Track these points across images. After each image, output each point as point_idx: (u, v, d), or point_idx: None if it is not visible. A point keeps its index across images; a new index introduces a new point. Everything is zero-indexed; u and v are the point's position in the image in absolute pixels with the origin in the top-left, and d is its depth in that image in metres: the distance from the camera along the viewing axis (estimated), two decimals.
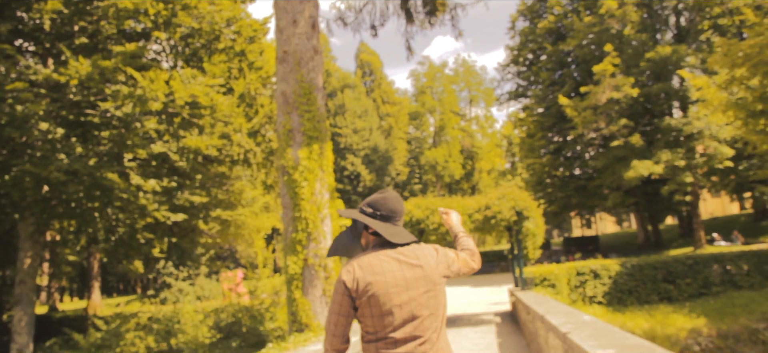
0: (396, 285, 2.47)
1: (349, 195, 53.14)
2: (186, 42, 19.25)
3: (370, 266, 2.49)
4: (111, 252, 20.67)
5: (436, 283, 2.55)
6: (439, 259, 2.68)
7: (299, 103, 10.70)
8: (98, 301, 31.86)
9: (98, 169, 15.15)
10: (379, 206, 2.68)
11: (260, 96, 20.62)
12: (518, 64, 40.07)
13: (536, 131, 35.90)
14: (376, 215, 2.67)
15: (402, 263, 2.53)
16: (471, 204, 15.58)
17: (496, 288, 24.63)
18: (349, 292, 2.47)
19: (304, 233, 10.25)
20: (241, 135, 18.66)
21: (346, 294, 2.47)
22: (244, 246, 39.09)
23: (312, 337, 7.28)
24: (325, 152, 10.90)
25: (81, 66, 14.75)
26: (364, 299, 2.45)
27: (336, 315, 2.49)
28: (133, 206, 16.34)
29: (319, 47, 11.36)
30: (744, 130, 18.05)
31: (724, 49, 16.75)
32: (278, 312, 17.61)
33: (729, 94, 18.26)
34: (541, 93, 35.85)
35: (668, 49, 27.85)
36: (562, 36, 35.04)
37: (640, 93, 27.97)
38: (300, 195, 10.28)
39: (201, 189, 18.77)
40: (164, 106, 15.96)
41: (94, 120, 15.98)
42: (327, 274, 10.41)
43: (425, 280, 2.53)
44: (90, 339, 16.49)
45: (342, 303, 2.48)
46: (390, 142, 60.95)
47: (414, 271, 2.52)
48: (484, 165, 62.47)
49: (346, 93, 57.19)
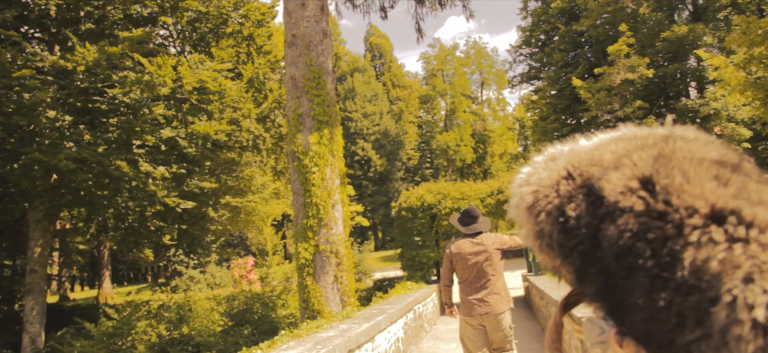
0: (468, 255, 5.15)
1: (360, 180, 53.00)
2: (193, 26, 19.04)
3: (457, 245, 5.26)
4: (121, 240, 20.61)
5: (491, 254, 5.14)
6: (495, 240, 5.22)
7: (309, 87, 10.49)
8: (109, 290, 31.92)
9: (107, 156, 15.02)
10: (463, 213, 5.42)
11: (269, 81, 20.39)
12: (530, 45, 39.58)
13: (549, 114, 35.47)
14: (460, 218, 5.40)
15: (471, 243, 5.20)
16: (483, 188, 15.37)
17: (508, 273, 24.43)
18: (449, 257, 5.28)
19: (315, 219, 10.06)
20: (250, 120, 18.47)
21: (448, 258, 5.31)
22: (254, 233, 39.10)
23: (324, 324, 7.10)
24: (336, 137, 10.69)
25: (88, 52, 14.57)
26: (455, 261, 5.23)
27: (445, 269, 5.34)
28: (143, 193, 16.22)
29: (328, 30, 11.13)
30: (763, 110, 17.62)
31: (742, 27, 16.29)
32: (290, 299, 17.49)
33: (747, 74, 17.81)
34: (554, 74, 35.36)
35: (684, 28, 27.31)
36: (575, 16, 34.48)
37: (655, 74, 27.51)
38: (310, 181, 10.09)
39: (210, 175, 18.62)
40: (172, 91, 15.79)
41: (101, 107, 15.83)
42: (338, 260, 10.23)
43: (485, 253, 5.13)
44: (102, 327, 16.39)
45: (445, 263, 5.33)
46: (401, 126, 60.65)
47: (477, 247, 5.16)
48: (496, 148, 62.15)
49: (356, 77, 56.88)
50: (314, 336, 6.11)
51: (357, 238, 38.25)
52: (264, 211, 23.15)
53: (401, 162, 59.58)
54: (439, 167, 61.83)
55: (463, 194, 15.01)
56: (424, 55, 63.06)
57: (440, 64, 61.81)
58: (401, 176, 59.38)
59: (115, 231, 19.65)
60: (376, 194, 54.85)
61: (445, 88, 61.55)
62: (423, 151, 63.89)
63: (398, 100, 63.56)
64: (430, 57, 62.46)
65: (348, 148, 50.67)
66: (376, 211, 54.03)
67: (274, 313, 16.63)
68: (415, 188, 15.91)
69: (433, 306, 13.44)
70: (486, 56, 63.23)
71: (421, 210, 15.09)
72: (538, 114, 37.39)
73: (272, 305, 17.07)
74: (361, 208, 19.65)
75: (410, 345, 9.88)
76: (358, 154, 54.32)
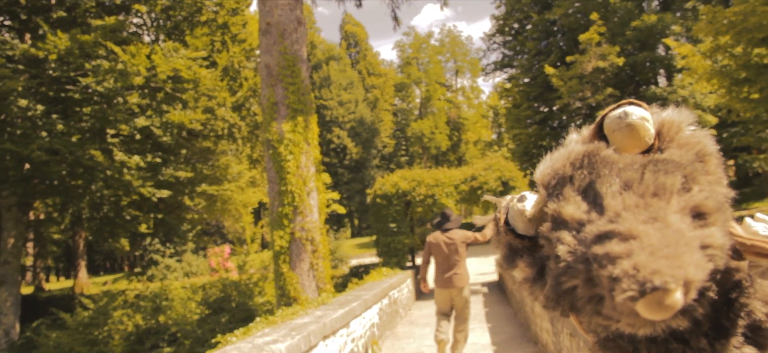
0: (442, 244, 6.97)
1: (336, 168, 53.06)
2: (167, 14, 18.91)
3: (434, 236, 7.10)
4: (96, 230, 20.47)
5: (458, 245, 6.95)
6: (462, 236, 7.02)
7: (283, 75, 10.57)
8: (85, 280, 31.62)
9: (81, 146, 14.93)
10: (442, 216, 7.26)
11: (244, 69, 20.36)
12: (504, 33, 39.90)
13: (522, 101, 35.84)
14: (439, 221, 7.23)
15: (445, 236, 7.02)
16: (457, 175, 15.57)
17: (483, 258, 24.78)
18: (429, 245, 7.11)
19: (291, 207, 10.18)
20: (225, 109, 18.45)
21: (428, 246, 7.14)
22: (230, 222, 38.96)
23: (299, 310, 7.24)
24: (311, 125, 10.80)
25: (59, 40, 14.43)
26: (433, 248, 7.06)
27: (426, 253, 7.17)
28: (118, 183, 16.14)
29: (302, 18, 11.20)
30: (728, 98, 18.06)
31: (708, 16, 16.67)
32: (267, 287, 17.58)
33: (713, 62, 18.23)
34: (527, 63, 35.73)
35: (654, 18, 27.81)
36: (548, 5, 34.82)
37: (625, 62, 27.99)
38: (285, 169, 10.19)
39: (186, 164, 18.57)
40: (146, 80, 15.71)
41: (74, 96, 15.68)
42: (314, 248, 10.37)
43: (454, 244, 6.95)
44: (78, 318, 16.35)
45: (426, 249, 7.16)
46: (376, 114, 60.76)
47: (449, 240, 6.98)
48: (471, 136, 62.53)
49: (331, 65, 56.78)
50: (289, 322, 6.23)
51: (333, 226, 38.39)
52: (240, 200, 23.14)
53: (377, 149, 59.72)
54: (414, 154, 62.09)
55: (437, 181, 15.19)
56: (400, 44, 63.14)
57: (415, 53, 61.92)
58: (377, 164, 59.55)
59: (91, 221, 19.51)
60: (352, 182, 54.97)
61: (420, 76, 61.72)
62: (398, 139, 64.08)
63: (373, 88, 63.59)
64: (405, 45, 62.54)
65: (323, 136, 50.65)
66: (352, 199, 54.17)
67: (250, 301, 16.71)
68: (389, 175, 16.05)
69: (408, 292, 13.65)
70: (460, 44, 63.49)
71: (396, 198, 15.25)
72: (512, 101, 37.75)
73: (249, 293, 17.15)
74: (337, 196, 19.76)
75: (385, 330, 10.06)
76: (334, 141, 54.33)
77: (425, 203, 15.06)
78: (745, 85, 16.75)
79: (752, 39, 15.43)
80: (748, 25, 14.88)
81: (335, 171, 52.29)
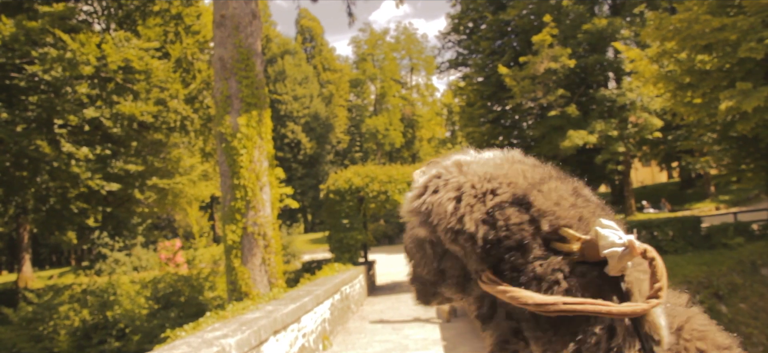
0: None
1: (290, 163, 52.77)
2: (119, 3, 18.52)
3: None
4: (42, 222, 19.93)
5: None
6: None
7: (237, 68, 10.52)
8: (29, 274, 30.70)
9: (26, 135, 14.52)
10: None
11: (198, 61, 20.09)
12: (459, 32, 40.24)
13: (476, 100, 36.22)
14: None
15: None
16: (411, 172, 15.69)
17: None
18: None
19: (243, 201, 10.16)
20: (177, 101, 18.18)
21: None
22: (182, 216, 38.39)
23: (250, 305, 7.25)
24: (264, 119, 10.78)
25: (4, 26, 14.01)
26: None
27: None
28: (65, 175, 15.76)
29: (257, 11, 11.16)
30: (672, 101, 18.69)
31: (655, 23, 17.24)
32: (218, 282, 17.45)
33: (659, 67, 18.85)
34: (481, 62, 36.12)
35: (604, 22, 28.52)
36: (502, 5, 35.28)
37: (576, 64, 28.57)
38: (238, 163, 10.16)
39: (136, 157, 18.23)
40: (96, 70, 15.37)
41: (20, 84, 15.22)
42: (266, 242, 10.37)
43: None
44: (21, 312, 15.91)
45: None
46: (331, 110, 60.67)
47: None
48: (425, 133, 63.00)
49: (287, 59, 56.43)
50: (240, 317, 6.24)
51: (286, 221, 38.20)
52: (192, 193, 22.82)
53: (331, 145, 59.64)
54: (368, 151, 62.16)
55: (390, 177, 15.32)
56: (355, 40, 63.15)
57: (371, 49, 62.02)
58: (331, 159, 59.47)
59: (36, 213, 18.99)
60: (306, 177, 54.77)
61: (375, 72, 61.85)
62: (353, 135, 64.10)
63: (329, 84, 63.44)
64: (361, 41, 62.57)
65: (278, 131, 50.26)
66: (305, 194, 53.96)
67: (201, 296, 16.57)
68: (343, 171, 16.11)
69: (360, 288, 13.74)
70: (416, 42, 63.89)
71: (350, 193, 15.32)
72: (465, 100, 38.14)
73: (199, 287, 16.99)
74: (290, 191, 19.71)
75: (337, 325, 10.14)
76: (288, 136, 54.03)
77: (378, 199, 15.16)
78: (689, 90, 17.37)
79: (696, 46, 16.02)
80: (692, 33, 15.43)
81: (289, 166, 51.99)
